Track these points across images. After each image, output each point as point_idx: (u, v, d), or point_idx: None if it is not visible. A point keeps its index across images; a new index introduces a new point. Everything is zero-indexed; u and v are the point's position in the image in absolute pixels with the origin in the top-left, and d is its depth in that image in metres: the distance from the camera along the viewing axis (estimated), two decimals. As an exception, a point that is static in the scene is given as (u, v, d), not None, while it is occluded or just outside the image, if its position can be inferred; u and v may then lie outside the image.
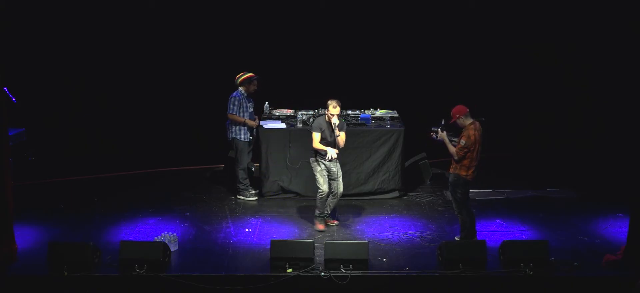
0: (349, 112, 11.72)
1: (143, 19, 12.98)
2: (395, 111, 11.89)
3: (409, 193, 11.41)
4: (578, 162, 12.69)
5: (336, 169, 9.72)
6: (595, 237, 9.68)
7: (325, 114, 9.65)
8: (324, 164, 9.67)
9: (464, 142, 8.95)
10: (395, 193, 11.20)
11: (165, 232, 9.40)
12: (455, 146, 9.03)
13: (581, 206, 10.87)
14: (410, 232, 9.84)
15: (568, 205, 10.95)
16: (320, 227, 9.84)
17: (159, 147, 13.20)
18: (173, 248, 9.14)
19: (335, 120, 9.54)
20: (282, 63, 13.09)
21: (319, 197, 9.75)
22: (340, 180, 9.74)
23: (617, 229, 9.85)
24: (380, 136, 11.09)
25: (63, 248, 8.64)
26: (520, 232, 9.87)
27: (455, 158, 9.01)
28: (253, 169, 11.80)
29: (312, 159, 9.75)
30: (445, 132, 9.16)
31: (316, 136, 9.61)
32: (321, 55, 13.14)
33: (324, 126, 9.64)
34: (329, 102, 9.53)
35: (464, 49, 13.23)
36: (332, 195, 9.78)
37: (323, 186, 9.67)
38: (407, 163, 11.67)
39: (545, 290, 8.47)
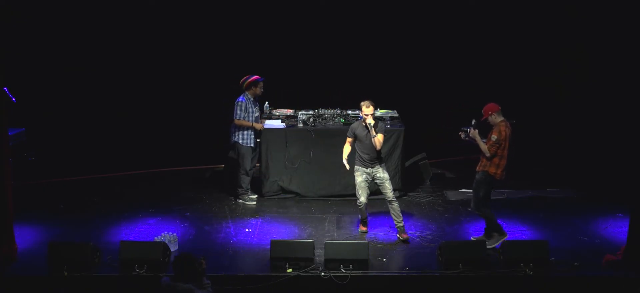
0: (349, 112, 11.70)
1: (143, 18, 12.96)
2: (395, 111, 11.88)
3: (409, 193, 11.41)
4: (578, 162, 12.68)
5: (382, 174, 9.50)
6: (595, 237, 9.69)
7: (361, 118, 9.48)
8: (364, 172, 9.50)
9: (495, 137, 8.93)
10: (395, 193, 11.17)
11: (165, 232, 9.41)
12: (485, 143, 9.02)
13: (581, 206, 10.87)
14: (410, 232, 9.83)
15: (568, 205, 10.95)
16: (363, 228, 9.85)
17: (159, 147, 13.18)
18: (173, 248, 9.14)
19: (370, 121, 9.32)
20: (282, 63, 13.06)
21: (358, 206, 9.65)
22: (386, 183, 9.49)
23: (617, 229, 9.86)
24: (380, 136, 11.07)
25: (63, 248, 8.66)
26: (520, 232, 9.87)
27: (487, 155, 8.98)
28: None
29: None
30: (477, 131, 9.11)
31: (347, 143, 9.55)
32: (321, 55, 13.13)
33: (358, 129, 9.50)
34: (362, 103, 9.39)
35: (464, 49, 13.21)
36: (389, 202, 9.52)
37: (360, 197, 9.52)
38: (407, 164, 11.67)
39: (545, 290, 8.48)
